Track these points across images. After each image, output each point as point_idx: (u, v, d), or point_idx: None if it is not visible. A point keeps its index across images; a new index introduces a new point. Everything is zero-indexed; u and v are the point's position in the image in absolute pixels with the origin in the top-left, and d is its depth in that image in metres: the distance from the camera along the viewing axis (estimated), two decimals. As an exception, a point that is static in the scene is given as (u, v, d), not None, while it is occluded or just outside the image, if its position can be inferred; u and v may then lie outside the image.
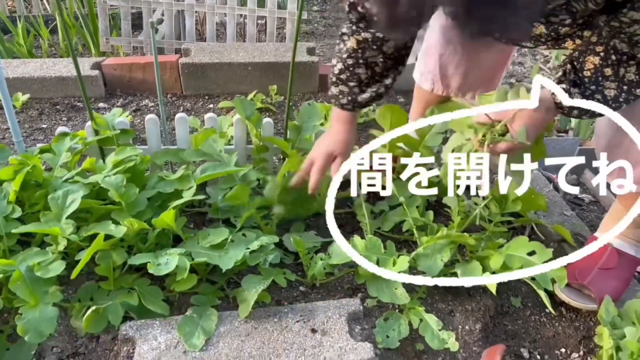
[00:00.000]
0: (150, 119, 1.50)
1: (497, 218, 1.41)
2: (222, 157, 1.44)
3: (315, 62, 2.17)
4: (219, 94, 2.18)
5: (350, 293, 1.29)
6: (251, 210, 1.28)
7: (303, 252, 1.28)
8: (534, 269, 1.13)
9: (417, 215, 1.39)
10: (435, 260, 1.25)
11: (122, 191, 1.25)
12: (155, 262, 1.11)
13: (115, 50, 2.51)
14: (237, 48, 2.21)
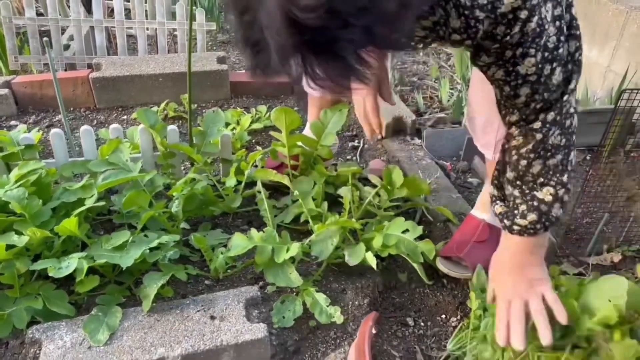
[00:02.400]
0: (54, 134, 1.56)
1: (386, 204, 1.56)
2: (127, 165, 1.51)
3: (224, 70, 2.26)
4: (132, 105, 2.24)
5: (252, 282, 1.39)
6: (151, 212, 1.36)
7: (205, 247, 1.37)
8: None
9: (312, 207, 1.51)
10: (326, 244, 1.38)
11: (25, 203, 1.30)
12: (57, 266, 1.18)
13: (28, 67, 2.51)
14: (148, 60, 2.27)
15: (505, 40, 0.92)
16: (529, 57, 0.94)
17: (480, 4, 0.87)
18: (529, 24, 0.90)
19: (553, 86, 0.99)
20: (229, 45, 3.07)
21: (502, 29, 0.90)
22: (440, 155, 2.08)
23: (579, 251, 1.61)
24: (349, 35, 0.69)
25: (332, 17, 0.66)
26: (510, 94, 1.01)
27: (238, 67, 2.78)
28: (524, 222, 1.10)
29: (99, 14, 2.44)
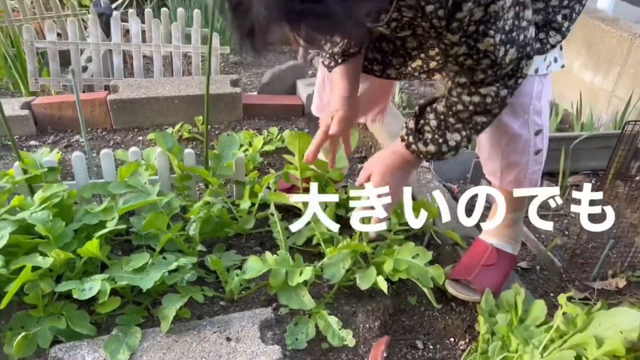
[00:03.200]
0: (76, 156, 1.61)
1: (396, 227, 1.60)
2: (145, 188, 1.57)
3: (238, 93, 2.33)
4: (147, 126, 2.30)
5: (265, 304, 1.44)
6: (169, 234, 1.41)
7: (220, 269, 1.41)
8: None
9: (324, 230, 1.56)
10: (338, 268, 1.42)
11: (49, 225, 1.35)
12: (80, 288, 1.23)
13: (47, 88, 2.59)
14: (163, 83, 2.34)
15: (471, 13, 0.99)
16: (488, 37, 1.02)
17: None
18: (492, 5, 0.97)
19: (505, 65, 1.08)
20: (241, 67, 3.14)
21: (469, 4, 0.97)
22: (448, 178, 2.12)
23: (584, 276, 1.64)
24: None
25: None
26: (472, 65, 1.09)
27: (250, 89, 2.84)
28: (422, 149, 1.24)
29: (117, 37, 2.51)
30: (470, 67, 1.10)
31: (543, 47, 1.23)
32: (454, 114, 1.19)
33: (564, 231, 1.89)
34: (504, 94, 1.13)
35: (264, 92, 2.57)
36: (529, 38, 1.08)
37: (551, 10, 1.21)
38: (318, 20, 0.77)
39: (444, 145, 1.21)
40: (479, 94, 1.14)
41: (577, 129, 2.42)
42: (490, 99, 1.13)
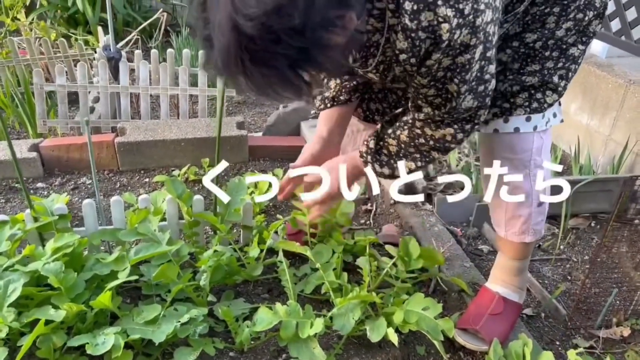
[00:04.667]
0: (86, 204, 1.63)
1: (403, 275, 1.62)
2: (155, 235, 1.58)
3: (244, 135, 2.37)
4: (154, 168, 2.33)
5: (275, 355, 1.44)
6: (180, 285, 1.42)
7: (231, 320, 1.42)
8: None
9: (333, 278, 1.57)
10: (348, 319, 1.43)
11: (61, 277, 1.36)
12: (94, 343, 1.23)
13: (53, 129, 2.62)
14: (170, 125, 2.38)
15: (438, 64, 1.05)
16: (454, 83, 1.09)
17: (423, 27, 0.99)
18: (460, 57, 1.04)
19: (463, 111, 1.16)
20: (244, 106, 3.19)
21: (436, 50, 1.03)
22: (451, 221, 2.15)
23: (589, 324, 1.66)
24: (283, 51, 0.83)
25: (267, 31, 0.81)
26: (440, 103, 1.15)
27: (254, 128, 2.89)
28: (378, 169, 1.34)
29: (125, 81, 2.56)
30: (435, 105, 1.17)
31: (540, 106, 1.28)
32: (415, 145, 1.27)
33: (566, 276, 1.91)
34: (460, 137, 1.22)
35: (268, 133, 2.61)
36: (489, 90, 1.15)
37: (547, 72, 1.26)
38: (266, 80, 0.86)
39: (397, 170, 1.31)
40: (439, 132, 1.22)
41: (576, 172, 2.47)
42: (450, 137, 1.22)
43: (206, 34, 0.87)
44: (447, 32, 0.99)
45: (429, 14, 0.97)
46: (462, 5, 0.98)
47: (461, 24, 0.99)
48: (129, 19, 4.14)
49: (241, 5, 0.80)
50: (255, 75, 0.86)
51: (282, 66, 0.85)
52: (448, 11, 0.97)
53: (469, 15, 0.99)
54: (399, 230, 2.04)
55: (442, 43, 1.01)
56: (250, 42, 0.82)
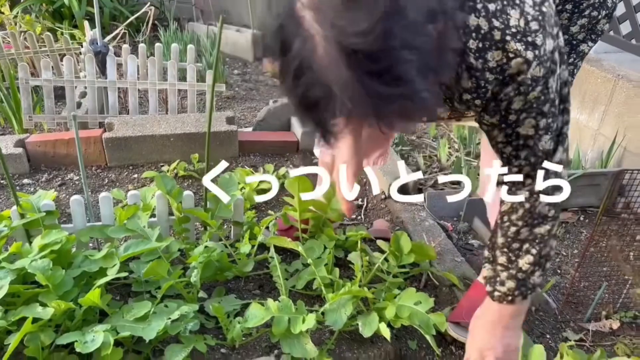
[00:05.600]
0: (74, 200, 1.61)
1: (395, 270, 1.62)
2: (145, 232, 1.56)
3: (234, 130, 2.35)
4: (143, 164, 2.30)
5: (267, 351, 1.43)
6: (170, 281, 1.40)
7: (222, 317, 1.41)
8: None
9: (324, 274, 1.57)
10: (340, 314, 1.42)
11: (49, 274, 1.34)
12: (82, 340, 1.21)
13: (39, 125, 2.58)
14: (159, 120, 2.35)
15: (509, 104, 0.97)
16: (530, 118, 0.99)
17: (490, 67, 0.92)
18: (533, 92, 0.95)
19: (542, 153, 1.04)
20: (234, 101, 3.17)
21: (508, 90, 0.95)
22: (441, 216, 2.15)
23: (578, 317, 1.67)
24: (407, 56, 0.68)
25: (389, 36, 0.66)
26: (511, 154, 1.05)
27: (243, 123, 2.87)
28: (503, 289, 1.17)
29: (113, 75, 2.53)
30: (507, 156, 1.06)
31: None
32: (514, 239, 1.13)
33: (556, 270, 1.92)
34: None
35: (259, 128, 2.60)
36: (563, 127, 1.06)
37: None
38: (404, 104, 0.71)
39: (520, 274, 1.14)
40: (522, 206, 1.10)
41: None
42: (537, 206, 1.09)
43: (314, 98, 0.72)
44: (517, 69, 0.92)
45: (497, 52, 0.90)
46: (532, 38, 0.89)
47: (535, 56, 0.91)
48: (116, 12, 4.09)
49: (348, 27, 0.66)
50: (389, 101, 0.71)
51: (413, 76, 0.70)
52: (518, 45, 0.89)
53: (541, 47, 0.90)
54: (390, 225, 2.04)
55: (513, 82, 0.93)
56: (374, 61, 0.67)
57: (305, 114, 0.77)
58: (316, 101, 0.73)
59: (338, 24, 0.67)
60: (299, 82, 0.72)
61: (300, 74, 0.72)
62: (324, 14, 0.68)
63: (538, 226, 1.11)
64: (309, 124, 0.79)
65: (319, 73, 0.70)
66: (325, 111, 0.74)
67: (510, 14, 0.89)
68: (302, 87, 0.72)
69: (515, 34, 0.89)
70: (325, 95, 0.71)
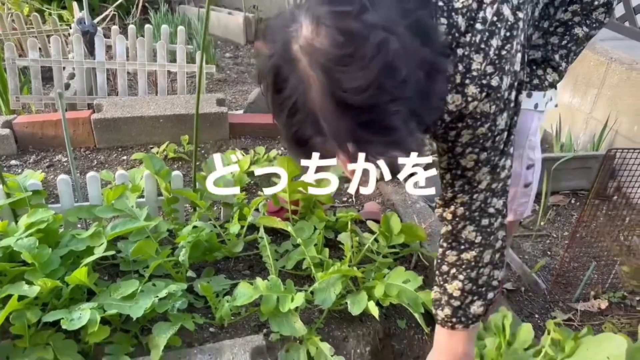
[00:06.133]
0: (61, 180, 1.59)
1: (385, 250, 1.61)
2: (133, 212, 1.55)
3: (224, 112, 2.33)
4: (132, 145, 2.28)
5: (256, 330, 1.43)
6: (158, 260, 1.39)
7: (210, 296, 1.40)
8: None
9: (314, 254, 1.56)
10: (329, 293, 1.42)
11: (35, 252, 1.32)
12: (69, 318, 1.20)
13: (27, 106, 2.54)
14: (148, 102, 2.33)
15: (457, 137, 0.97)
16: (472, 154, 0.99)
17: (449, 110, 0.92)
18: (481, 128, 0.96)
19: (475, 183, 1.03)
20: (225, 84, 3.14)
21: (459, 124, 0.96)
22: (433, 198, 2.15)
23: (567, 297, 1.68)
24: (395, 108, 0.73)
25: (381, 93, 0.71)
26: (449, 181, 1.07)
27: (234, 106, 2.84)
28: (442, 314, 1.14)
29: (101, 55, 2.49)
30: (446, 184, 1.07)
31: (541, 83, 1.27)
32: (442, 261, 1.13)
33: (546, 251, 1.93)
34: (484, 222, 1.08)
35: (249, 111, 2.58)
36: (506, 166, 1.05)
37: (550, 48, 1.25)
38: (387, 147, 0.77)
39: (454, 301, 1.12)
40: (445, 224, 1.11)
41: (557, 149, 2.48)
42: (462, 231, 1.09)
43: (306, 136, 0.75)
44: (472, 108, 0.93)
45: (457, 96, 0.91)
46: (488, 80, 0.91)
47: (490, 98, 0.92)
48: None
49: (344, 82, 0.69)
50: (377, 146, 0.76)
51: (400, 124, 0.74)
52: (474, 89, 0.91)
53: (496, 89, 0.92)
54: (381, 208, 2.03)
55: (464, 117, 0.94)
56: (365, 114, 0.72)
57: (296, 148, 0.80)
58: (308, 138, 0.76)
59: (333, 76, 0.70)
60: (293, 120, 0.75)
61: (294, 113, 0.75)
62: (320, 64, 0.70)
63: (465, 252, 1.09)
64: (298, 155, 0.81)
65: (312, 116, 0.73)
66: (316, 145, 0.78)
67: (474, 58, 0.89)
68: (295, 126, 0.76)
69: (474, 78, 0.90)
70: (316, 134, 0.75)
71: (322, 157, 0.80)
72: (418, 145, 0.81)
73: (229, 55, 3.66)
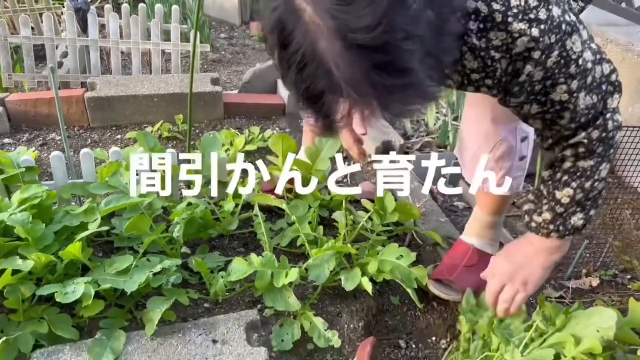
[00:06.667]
0: (55, 156, 1.58)
1: (379, 228, 1.62)
2: (127, 188, 1.54)
3: (219, 91, 2.31)
4: (126, 124, 2.27)
5: (250, 305, 1.44)
6: (153, 236, 1.39)
7: (205, 272, 1.41)
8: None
9: (309, 231, 1.56)
10: (323, 269, 1.43)
11: (29, 227, 1.32)
12: (63, 291, 1.21)
13: (20, 84, 2.52)
14: (142, 80, 2.31)
15: (530, 78, 0.95)
16: (560, 84, 0.96)
17: (495, 45, 0.91)
18: (549, 59, 0.93)
19: (586, 109, 1.00)
20: (220, 64, 3.12)
21: (526, 68, 0.94)
22: (427, 179, 2.15)
23: (559, 275, 1.69)
24: (408, 46, 0.69)
25: (392, 30, 0.67)
26: (554, 118, 1.02)
27: (229, 87, 2.83)
28: (539, 219, 1.13)
29: (94, 33, 2.47)
30: (548, 122, 1.04)
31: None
32: (557, 168, 1.10)
33: (539, 231, 1.94)
34: (596, 135, 1.03)
35: (244, 90, 2.56)
36: (600, 77, 1.00)
37: None
38: (404, 91, 0.72)
39: (558, 207, 1.10)
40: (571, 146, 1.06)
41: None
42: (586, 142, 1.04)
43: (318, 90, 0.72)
44: (525, 47, 0.91)
45: (501, 33, 0.89)
46: (534, 14, 0.89)
47: (542, 30, 0.89)
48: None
49: (352, 22, 0.66)
50: (394, 92, 0.71)
51: (416, 65, 0.70)
52: (522, 25, 0.88)
53: (546, 20, 0.89)
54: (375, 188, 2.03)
55: (526, 60, 0.92)
56: (379, 54, 0.67)
57: (309, 105, 0.77)
58: (321, 92, 0.73)
59: (341, 18, 0.66)
60: (303, 75, 0.72)
61: (303, 68, 0.72)
62: (326, 8, 0.67)
63: (583, 160, 1.05)
64: (312, 114, 0.78)
65: (323, 66, 0.69)
66: (330, 101, 0.74)
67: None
68: (306, 81, 0.72)
69: (516, 14, 0.88)
70: (329, 86, 0.71)
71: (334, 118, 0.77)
72: (437, 90, 0.78)
73: (224, 35, 3.63)
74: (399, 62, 0.69)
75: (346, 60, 0.68)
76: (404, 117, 0.80)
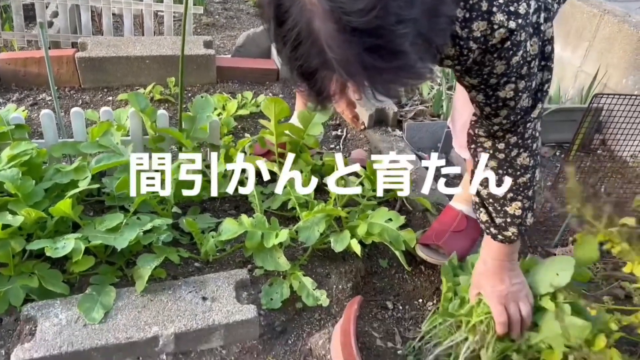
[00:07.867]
0: (45, 114, 1.57)
1: (369, 193, 1.63)
2: (118, 148, 1.54)
3: (211, 54, 2.28)
4: (117, 86, 2.24)
5: (241, 265, 1.45)
6: (144, 196, 1.39)
7: (196, 231, 1.42)
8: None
9: (299, 194, 1.57)
10: (313, 231, 1.44)
11: (18, 183, 1.32)
12: (53, 247, 1.21)
13: (9, 43, 2.47)
14: (134, 42, 2.27)
15: (492, 69, 0.98)
16: (510, 83, 1.01)
17: (475, 37, 0.93)
18: (514, 57, 0.96)
19: (520, 111, 1.07)
20: (214, 29, 3.07)
21: (489, 57, 0.96)
22: (420, 147, 2.16)
23: (546, 242, 1.72)
24: (402, 30, 0.69)
25: (386, 13, 0.67)
26: (490, 113, 1.08)
27: (223, 51, 2.79)
28: (507, 234, 1.20)
29: (85, -8, 2.41)
30: (488, 115, 1.09)
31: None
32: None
33: (528, 200, 1.96)
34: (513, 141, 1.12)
35: (238, 55, 2.53)
36: (539, 83, 1.07)
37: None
38: (396, 72, 0.73)
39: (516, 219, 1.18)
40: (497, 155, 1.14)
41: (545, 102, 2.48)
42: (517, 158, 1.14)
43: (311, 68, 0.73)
44: (500, 39, 0.93)
45: (483, 23, 0.91)
46: (515, 7, 0.91)
47: (518, 25, 0.92)
48: None
49: (347, 4, 0.66)
50: (386, 73, 0.73)
51: (408, 48, 0.71)
52: (502, 17, 0.91)
53: (524, 16, 0.92)
54: (368, 155, 2.04)
55: (496, 50, 0.94)
56: (372, 38, 0.68)
57: (302, 81, 0.78)
58: (314, 70, 0.74)
59: (337, 0, 0.67)
60: (297, 53, 0.73)
61: (297, 45, 0.72)
62: None
63: (521, 176, 1.15)
64: (304, 89, 0.79)
65: (317, 45, 0.70)
66: (323, 78, 0.75)
67: None
68: (300, 59, 0.73)
69: (500, 5, 0.90)
70: (322, 65, 0.72)
71: (327, 93, 0.78)
72: (429, 71, 0.78)
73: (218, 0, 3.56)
74: (392, 46, 0.70)
75: (339, 42, 0.68)
76: (395, 97, 0.81)
